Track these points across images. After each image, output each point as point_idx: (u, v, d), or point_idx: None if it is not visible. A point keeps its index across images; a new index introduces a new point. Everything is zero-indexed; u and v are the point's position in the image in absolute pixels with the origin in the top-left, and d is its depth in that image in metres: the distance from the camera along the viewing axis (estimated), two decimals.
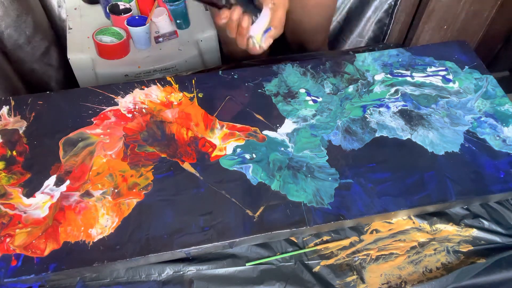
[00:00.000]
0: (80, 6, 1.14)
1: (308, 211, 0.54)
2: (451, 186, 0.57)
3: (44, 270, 0.49)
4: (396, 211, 0.56)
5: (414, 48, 0.76)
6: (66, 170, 0.57)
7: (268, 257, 0.56)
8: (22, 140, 0.60)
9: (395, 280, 0.55)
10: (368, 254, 0.57)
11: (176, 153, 0.59)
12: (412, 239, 0.58)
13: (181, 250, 0.51)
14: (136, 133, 0.62)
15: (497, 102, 0.68)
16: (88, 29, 1.07)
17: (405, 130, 0.64)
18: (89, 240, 0.51)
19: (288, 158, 0.60)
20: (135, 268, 0.54)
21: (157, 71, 1.05)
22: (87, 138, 0.61)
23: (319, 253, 0.56)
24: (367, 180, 0.57)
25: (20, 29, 0.99)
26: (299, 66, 0.72)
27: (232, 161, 0.59)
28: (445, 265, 0.56)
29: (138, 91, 0.67)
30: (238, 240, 0.52)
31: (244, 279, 0.54)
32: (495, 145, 0.62)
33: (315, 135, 0.62)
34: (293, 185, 0.57)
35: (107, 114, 0.64)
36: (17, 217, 0.52)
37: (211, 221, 0.53)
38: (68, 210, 0.53)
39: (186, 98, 0.66)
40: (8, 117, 0.63)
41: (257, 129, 0.63)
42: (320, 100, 0.67)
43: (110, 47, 1.03)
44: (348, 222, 0.55)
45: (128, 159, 0.59)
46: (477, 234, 0.59)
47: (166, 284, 0.53)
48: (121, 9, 1.06)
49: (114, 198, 0.55)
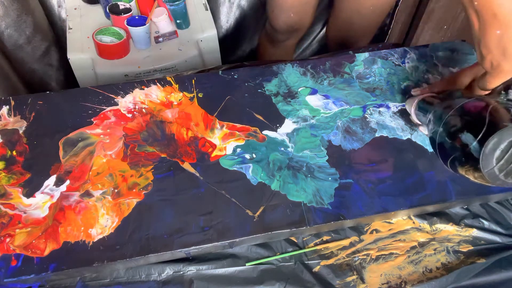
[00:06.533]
0: (80, 6, 1.14)
1: (308, 211, 0.54)
2: (451, 186, 0.57)
3: (44, 270, 0.49)
4: (396, 211, 0.56)
5: (414, 48, 0.76)
6: (66, 170, 0.57)
7: (268, 257, 0.56)
8: (22, 140, 0.60)
9: (395, 280, 0.55)
10: (368, 254, 0.57)
11: (176, 153, 0.59)
12: (412, 239, 0.58)
13: (181, 250, 0.51)
14: (136, 133, 0.62)
15: None
16: (88, 29, 1.07)
17: (405, 130, 0.64)
18: (89, 240, 0.51)
19: (288, 158, 0.60)
20: (135, 268, 0.54)
21: (157, 71, 1.05)
22: (87, 138, 0.61)
23: (319, 253, 0.56)
24: (367, 180, 0.58)
25: (20, 29, 0.99)
26: (299, 66, 0.72)
27: (232, 161, 0.59)
28: (445, 265, 0.56)
29: (138, 91, 0.67)
30: (238, 240, 0.52)
31: (244, 279, 0.54)
32: None
33: (315, 135, 0.62)
34: (293, 185, 0.57)
35: (107, 114, 0.64)
36: (17, 217, 0.52)
37: (211, 221, 0.53)
38: (68, 210, 0.53)
39: (186, 98, 0.66)
40: (8, 117, 0.63)
41: (257, 129, 0.63)
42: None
43: (110, 47, 1.03)
44: (348, 222, 0.55)
45: (128, 159, 0.59)
46: (477, 234, 0.59)
47: (166, 284, 0.53)
48: (121, 9, 1.06)
49: (114, 198, 0.55)
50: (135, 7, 1.09)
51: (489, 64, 0.44)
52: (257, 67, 0.72)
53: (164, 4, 1.08)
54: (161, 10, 1.07)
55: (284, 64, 0.72)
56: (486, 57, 0.43)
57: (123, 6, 1.06)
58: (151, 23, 1.07)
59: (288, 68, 0.71)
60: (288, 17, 1.06)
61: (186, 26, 1.12)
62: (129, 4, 1.07)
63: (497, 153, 0.39)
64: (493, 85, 0.46)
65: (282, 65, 0.72)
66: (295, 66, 0.72)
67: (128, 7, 1.06)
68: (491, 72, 0.44)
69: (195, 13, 1.15)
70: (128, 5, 1.06)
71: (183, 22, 1.11)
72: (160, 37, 1.09)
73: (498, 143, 0.39)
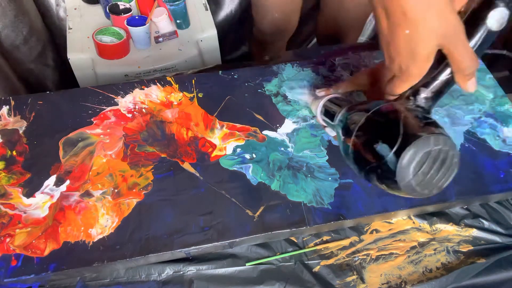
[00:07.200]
0: (80, 6, 1.14)
1: (308, 211, 0.54)
2: (451, 186, 0.57)
3: (44, 270, 0.49)
4: (396, 211, 0.56)
5: None
6: (66, 170, 0.57)
7: (268, 257, 0.56)
8: (22, 140, 0.60)
9: (395, 280, 0.55)
10: (368, 254, 0.57)
11: (176, 153, 0.59)
12: (412, 239, 0.58)
13: (181, 250, 0.51)
14: (136, 133, 0.62)
15: (497, 102, 0.68)
16: (88, 29, 1.07)
17: None
18: (89, 240, 0.51)
19: (288, 158, 0.60)
20: (135, 268, 0.54)
21: (157, 71, 1.05)
22: (87, 138, 0.61)
23: (319, 253, 0.56)
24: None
25: (18, 29, 0.99)
26: (299, 66, 0.72)
27: (232, 161, 0.59)
28: (445, 265, 0.56)
29: (138, 91, 0.66)
30: (238, 240, 0.52)
31: (244, 279, 0.54)
32: (495, 145, 0.62)
33: (315, 135, 0.62)
34: (293, 185, 0.57)
35: (107, 114, 0.64)
36: (17, 217, 0.52)
37: (211, 221, 0.53)
38: (68, 210, 0.53)
39: (186, 98, 0.66)
40: (8, 117, 0.63)
41: (257, 129, 0.63)
42: None
43: (110, 47, 1.03)
44: (348, 222, 0.55)
45: (128, 159, 0.59)
46: (477, 234, 0.59)
47: (166, 284, 0.53)
48: (121, 9, 1.06)
49: (114, 198, 0.55)
50: (135, 7, 1.09)
51: (397, 67, 0.42)
52: (257, 67, 0.72)
53: (164, 4, 1.08)
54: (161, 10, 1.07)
55: (284, 64, 0.72)
56: (395, 60, 0.41)
57: (123, 6, 1.06)
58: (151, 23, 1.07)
59: (288, 68, 0.71)
60: (273, 18, 1.06)
61: (186, 26, 1.12)
62: (129, 4, 1.07)
63: (414, 165, 0.37)
64: (401, 90, 0.44)
65: (282, 65, 0.72)
66: (295, 66, 0.72)
67: (128, 7, 1.06)
68: (399, 76, 0.42)
69: (195, 13, 1.15)
70: (128, 5, 1.06)
71: (183, 22, 1.11)
72: (160, 37, 1.09)
73: (414, 154, 0.37)
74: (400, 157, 0.37)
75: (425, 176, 0.38)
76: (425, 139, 0.37)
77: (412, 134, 0.37)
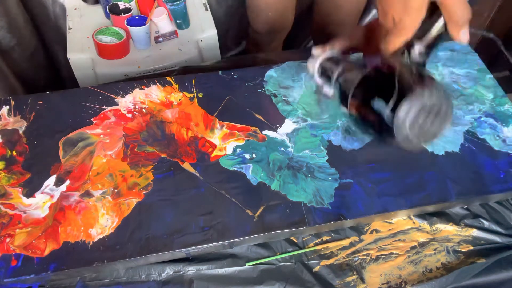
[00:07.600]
0: (80, 6, 1.14)
1: (308, 211, 0.54)
2: (451, 186, 0.57)
3: (44, 270, 0.49)
4: (396, 211, 0.56)
5: None
6: (66, 170, 0.57)
7: (268, 257, 0.56)
8: (22, 140, 0.60)
9: (395, 280, 0.55)
10: (368, 254, 0.57)
11: (176, 153, 0.59)
12: (412, 239, 0.58)
13: (181, 250, 0.51)
14: (136, 133, 0.62)
15: (497, 102, 0.68)
16: (88, 29, 1.07)
17: None
18: (89, 240, 0.51)
19: (288, 158, 0.60)
20: (135, 268, 0.54)
21: (157, 71, 1.05)
22: (87, 138, 0.61)
23: (319, 253, 0.56)
24: (367, 180, 0.57)
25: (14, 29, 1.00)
26: (296, 65, 0.72)
27: (232, 161, 0.59)
28: (445, 265, 0.56)
29: (138, 91, 0.66)
30: (238, 240, 0.52)
31: (244, 279, 0.54)
32: (495, 145, 0.62)
33: (315, 135, 0.62)
34: (293, 185, 0.57)
35: (107, 114, 0.64)
36: (17, 217, 0.52)
37: (211, 221, 0.53)
38: (68, 210, 0.53)
39: (186, 98, 0.66)
40: (8, 117, 0.63)
41: (257, 129, 0.63)
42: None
43: (110, 47, 1.02)
44: (348, 222, 0.55)
45: (128, 159, 0.59)
46: (477, 234, 0.59)
47: (166, 284, 0.53)
48: (121, 9, 1.06)
49: (114, 198, 0.55)
50: (135, 7, 1.09)
51: (391, 20, 0.42)
52: (257, 67, 0.72)
53: (164, 4, 1.08)
54: (161, 10, 1.07)
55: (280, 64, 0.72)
56: (388, 13, 0.41)
57: (123, 6, 1.06)
58: (151, 23, 1.07)
59: (285, 68, 0.71)
60: (267, 17, 1.06)
61: (186, 26, 1.12)
62: (129, 4, 1.07)
63: (410, 118, 0.39)
64: (396, 45, 0.43)
65: (280, 64, 0.72)
66: (292, 65, 0.72)
67: (128, 7, 1.06)
68: (393, 30, 0.42)
69: (195, 13, 1.15)
70: (128, 5, 1.06)
71: (183, 22, 1.11)
72: (160, 37, 1.08)
73: (410, 108, 0.38)
74: (396, 111, 0.38)
75: (422, 128, 0.39)
76: (420, 93, 0.38)
77: (407, 89, 0.39)
